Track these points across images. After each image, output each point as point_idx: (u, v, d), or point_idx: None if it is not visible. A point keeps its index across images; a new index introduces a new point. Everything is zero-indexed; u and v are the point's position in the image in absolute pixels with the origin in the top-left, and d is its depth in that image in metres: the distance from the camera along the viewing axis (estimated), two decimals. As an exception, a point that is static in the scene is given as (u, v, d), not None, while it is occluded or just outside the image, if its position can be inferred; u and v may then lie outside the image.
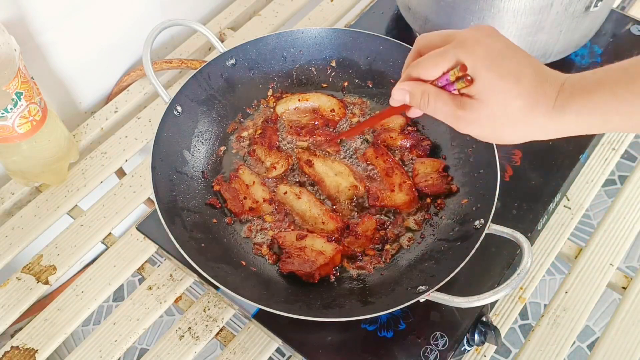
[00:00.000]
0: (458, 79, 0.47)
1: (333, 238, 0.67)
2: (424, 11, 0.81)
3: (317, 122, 0.78)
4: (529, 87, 0.45)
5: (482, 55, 0.46)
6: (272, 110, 0.80)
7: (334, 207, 0.71)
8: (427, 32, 0.52)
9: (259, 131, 0.77)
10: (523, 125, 0.46)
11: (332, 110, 0.79)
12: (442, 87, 0.49)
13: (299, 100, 0.79)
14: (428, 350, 0.62)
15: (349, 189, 0.72)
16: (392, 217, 0.70)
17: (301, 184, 0.73)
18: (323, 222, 0.69)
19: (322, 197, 0.72)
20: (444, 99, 0.48)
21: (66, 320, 0.70)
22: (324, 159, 0.74)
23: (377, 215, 0.70)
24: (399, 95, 0.51)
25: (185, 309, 0.71)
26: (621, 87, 0.43)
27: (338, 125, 0.79)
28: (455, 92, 0.49)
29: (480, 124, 0.48)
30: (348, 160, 0.76)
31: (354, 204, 0.72)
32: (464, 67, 0.46)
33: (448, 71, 0.48)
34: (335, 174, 0.73)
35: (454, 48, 0.47)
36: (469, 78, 0.46)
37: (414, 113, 0.55)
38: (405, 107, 0.55)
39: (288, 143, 0.77)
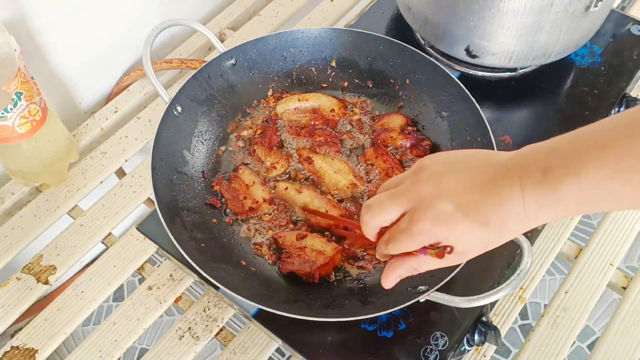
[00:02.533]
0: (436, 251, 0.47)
1: (333, 237, 0.68)
2: (424, 11, 0.81)
3: (317, 122, 0.78)
4: (494, 223, 0.43)
5: (445, 231, 0.45)
6: (272, 110, 0.80)
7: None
8: (375, 207, 0.49)
9: (259, 131, 0.77)
10: (508, 236, 0.45)
11: (332, 110, 0.79)
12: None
13: (299, 100, 0.79)
14: (428, 350, 0.62)
15: (348, 187, 0.72)
16: None
17: (299, 181, 0.73)
18: (327, 211, 0.69)
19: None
20: (428, 262, 0.48)
21: (66, 320, 0.70)
22: (324, 156, 0.74)
23: None
24: (392, 283, 0.51)
25: (185, 309, 0.71)
26: (593, 177, 0.39)
27: (338, 125, 0.79)
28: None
29: (469, 257, 0.48)
30: (348, 159, 0.76)
31: (353, 202, 0.72)
32: (441, 254, 0.46)
33: (427, 249, 0.47)
34: (335, 171, 0.73)
35: (418, 230, 0.45)
36: (448, 250, 0.46)
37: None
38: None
39: (288, 144, 0.77)
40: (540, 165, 0.40)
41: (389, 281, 0.51)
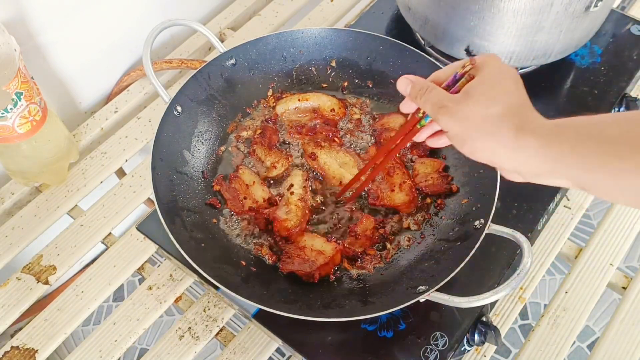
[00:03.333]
0: (463, 75, 0.50)
1: (333, 237, 0.68)
2: (424, 11, 0.81)
3: (317, 122, 0.78)
4: (511, 105, 0.47)
5: (493, 65, 0.49)
6: (272, 110, 0.80)
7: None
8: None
9: (259, 131, 0.77)
10: (489, 135, 0.46)
11: (332, 110, 0.79)
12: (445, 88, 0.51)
13: (299, 100, 0.79)
14: (428, 350, 0.62)
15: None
16: (392, 217, 0.70)
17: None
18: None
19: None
20: (439, 91, 0.50)
21: (66, 320, 0.70)
22: (329, 150, 0.74)
23: (377, 215, 0.70)
24: (403, 84, 0.54)
25: (185, 309, 0.71)
26: (581, 142, 0.43)
27: (338, 125, 0.79)
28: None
29: (456, 117, 0.48)
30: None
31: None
32: (472, 61, 0.49)
33: (459, 67, 0.51)
34: (340, 165, 0.73)
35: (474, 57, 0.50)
36: (470, 75, 0.49)
37: (420, 137, 0.57)
38: (413, 132, 0.56)
39: (288, 143, 0.77)
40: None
41: (401, 80, 0.54)
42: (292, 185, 0.71)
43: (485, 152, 0.48)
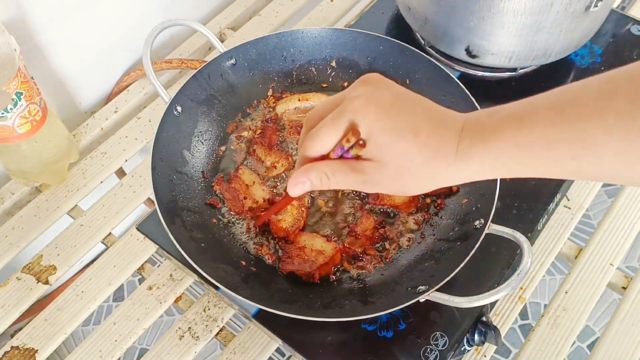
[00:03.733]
0: (352, 146, 0.44)
1: (334, 237, 0.68)
2: (424, 11, 0.81)
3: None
4: (427, 140, 0.43)
5: (374, 114, 0.43)
6: (272, 110, 0.80)
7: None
8: (316, 107, 0.48)
9: (259, 131, 0.77)
10: (427, 177, 0.45)
11: (332, 110, 0.79)
12: (340, 157, 0.46)
13: (299, 100, 0.79)
14: (428, 350, 0.62)
15: None
16: (392, 217, 0.70)
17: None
18: None
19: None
20: (342, 170, 0.46)
21: (66, 320, 0.70)
22: None
23: (376, 215, 0.70)
24: (299, 189, 0.48)
25: (185, 309, 0.71)
26: (522, 136, 0.41)
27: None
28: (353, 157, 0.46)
29: (386, 184, 0.46)
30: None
31: (354, 201, 0.72)
32: (356, 132, 0.43)
33: (341, 139, 0.44)
34: None
35: (345, 111, 0.44)
36: (360, 142, 0.44)
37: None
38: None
39: (289, 143, 0.77)
40: (471, 131, 0.43)
41: (295, 186, 0.47)
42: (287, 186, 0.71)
43: (426, 188, 0.46)
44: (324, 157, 0.47)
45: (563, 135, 0.39)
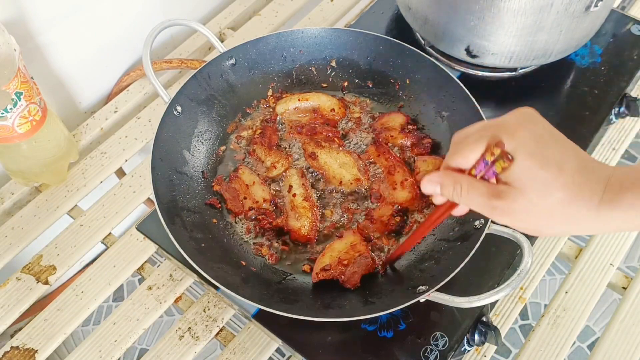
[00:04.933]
0: (497, 159, 0.43)
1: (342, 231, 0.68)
2: (424, 11, 0.81)
3: (317, 122, 0.78)
4: (572, 178, 0.42)
5: (524, 138, 0.42)
6: (271, 110, 0.80)
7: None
8: (468, 127, 0.48)
9: (259, 131, 0.77)
10: (564, 219, 0.43)
11: (332, 109, 0.79)
12: (481, 177, 0.45)
13: (299, 100, 0.79)
14: (428, 350, 0.62)
15: (352, 183, 0.72)
16: (403, 215, 0.71)
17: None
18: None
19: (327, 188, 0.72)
20: (478, 188, 0.45)
21: (66, 320, 0.70)
22: (329, 150, 0.74)
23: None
24: (429, 187, 0.48)
25: (185, 309, 0.71)
26: None
27: (338, 125, 0.79)
28: (494, 179, 0.45)
29: (516, 215, 0.44)
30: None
31: (355, 199, 0.72)
32: (500, 144, 0.43)
33: (486, 152, 0.44)
34: (339, 165, 0.73)
35: (493, 130, 0.44)
36: (509, 157, 0.42)
37: (459, 211, 0.52)
38: (452, 207, 0.51)
39: (289, 143, 0.77)
40: (619, 179, 0.42)
41: (427, 183, 0.48)
42: (291, 186, 0.71)
43: (560, 232, 0.45)
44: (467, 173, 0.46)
45: None
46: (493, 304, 0.69)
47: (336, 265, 0.65)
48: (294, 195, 0.71)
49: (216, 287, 0.66)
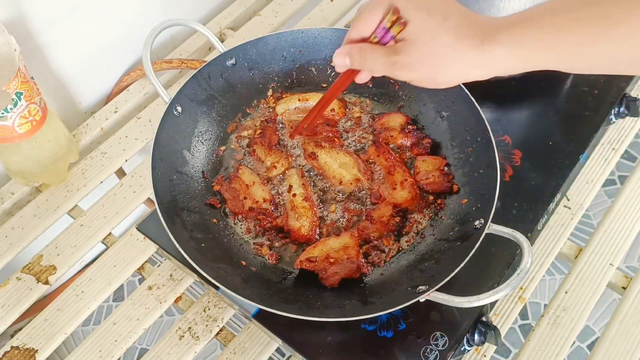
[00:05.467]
0: (393, 24, 0.49)
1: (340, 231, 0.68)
2: (424, 11, 0.81)
3: (317, 122, 0.78)
4: (456, 23, 0.47)
5: (415, 3, 0.48)
6: (271, 110, 0.80)
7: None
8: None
9: (259, 131, 0.77)
10: (454, 61, 0.47)
11: (332, 109, 0.79)
12: (382, 42, 0.51)
13: (299, 100, 0.79)
14: (428, 350, 0.62)
15: (352, 183, 0.72)
16: (403, 215, 0.71)
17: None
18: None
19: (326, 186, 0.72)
20: (379, 49, 0.50)
21: (66, 320, 0.70)
22: (329, 150, 0.74)
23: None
24: (340, 60, 0.54)
25: (185, 309, 0.71)
26: (546, 20, 0.45)
27: (338, 125, 0.79)
28: (392, 42, 0.50)
29: (414, 67, 0.49)
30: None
31: (355, 200, 0.72)
32: (396, 11, 0.49)
33: (383, 19, 0.50)
34: (339, 165, 0.73)
35: None
36: (402, 21, 0.48)
37: (361, 78, 0.57)
38: (353, 74, 0.57)
39: (288, 143, 0.77)
40: (498, 22, 0.47)
41: (337, 56, 0.54)
42: (291, 186, 0.71)
43: (455, 76, 0.49)
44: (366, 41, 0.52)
45: (586, 13, 0.43)
46: (493, 304, 0.69)
47: (322, 260, 0.65)
48: (294, 195, 0.71)
49: (216, 287, 0.66)
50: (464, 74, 0.49)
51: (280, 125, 0.79)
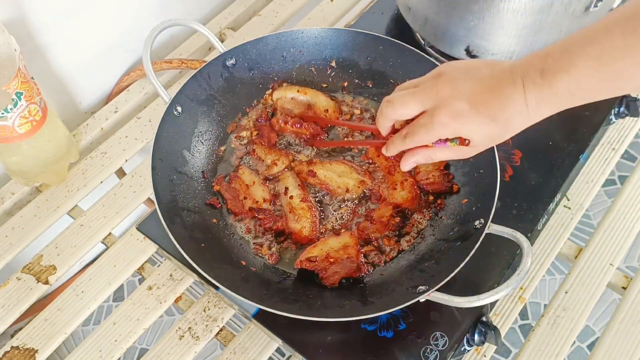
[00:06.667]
0: (451, 140, 0.54)
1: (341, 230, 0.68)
2: (424, 11, 0.81)
3: (307, 117, 0.78)
4: (496, 108, 0.51)
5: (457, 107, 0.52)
6: (263, 108, 0.80)
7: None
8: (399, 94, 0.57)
9: (255, 132, 0.77)
10: (507, 130, 0.52)
11: (326, 110, 0.79)
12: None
13: (297, 91, 0.79)
14: (428, 350, 0.62)
15: (358, 186, 0.72)
16: (403, 215, 0.71)
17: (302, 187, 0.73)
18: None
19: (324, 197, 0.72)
20: (443, 151, 0.56)
21: (66, 320, 0.70)
22: (322, 163, 0.74)
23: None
24: (410, 166, 0.59)
25: (185, 309, 0.71)
26: (587, 56, 0.46)
27: (328, 127, 0.79)
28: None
29: (479, 148, 0.55)
30: (344, 158, 0.75)
31: (356, 200, 0.72)
32: (463, 141, 0.54)
33: (447, 140, 0.54)
34: (339, 175, 0.73)
35: (430, 103, 0.54)
36: (466, 142, 0.54)
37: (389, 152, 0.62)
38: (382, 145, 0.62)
39: (289, 139, 0.77)
40: (538, 68, 0.48)
41: (407, 164, 0.59)
42: (287, 188, 0.71)
43: (512, 133, 0.53)
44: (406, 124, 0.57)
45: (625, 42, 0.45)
46: (493, 304, 0.69)
47: (322, 260, 0.65)
48: (291, 197, 0.70)
49: (216, 287, 0.66)
50: (517, 128, 0.53)
51: (272, 112, 0.78)
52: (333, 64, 0.82)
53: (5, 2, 0.72)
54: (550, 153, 0.76)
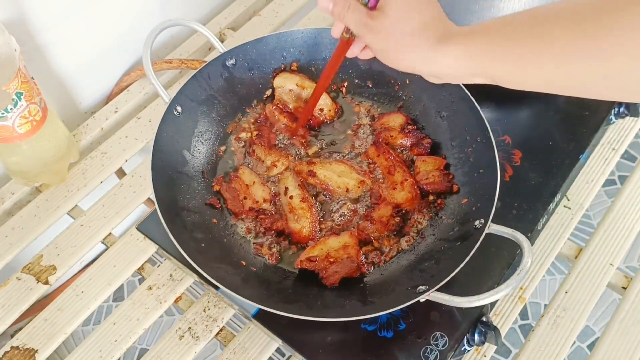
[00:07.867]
0: None
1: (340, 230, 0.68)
2: (424, 11, 0.81)
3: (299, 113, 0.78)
4: (427, 17, 0.50)
5: None
6: (261, 109, 0.80)
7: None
8: None
9: (255, 133, 0.77)
10: (407, 49, 0.51)
11: (322, 109, 0.79)
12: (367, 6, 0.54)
13: (297, 84, 0.79)
14: (428, 350, 0.62)
15: (358, 187, 0.72)
16: (402, 215, 0.71)
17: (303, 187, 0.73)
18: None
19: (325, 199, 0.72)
20: (359, 10, 0.53)
21: (66, 320, 0.70)
22: (322, 163, 0.74)
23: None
24: (324, 3, 0.56)
25: (185, 309, 0.71)
26: (496, 33, 0.47)
27: (321, 127, 0.79)
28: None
29: (380, 35, 0.52)
30: (344, 158, 0.75)
31: (356, 200, 0.72)
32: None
33: None
34: (339, 175, 0.73)
35: None
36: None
37: (353, 52, 0.62)
38: (347, 46, 0.61)
39: (287, 142, 0.77)
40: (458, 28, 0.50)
41: (322, 1, 0.56)
42: (287, 188, 0.71)
43: (405, 62, 0.52)
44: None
45: (531, 30, 0.45)
46: (493, 304, 0.69)
47: (322, 260, 0.65)
48: (291, 197, 0.70)
49: (216, 287, 0.66)
50: (412, 65, 0.52)
51: (278, 105, 0.78)
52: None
53: (5, 2, 0.73)
54: (550, 153, 0.76)
